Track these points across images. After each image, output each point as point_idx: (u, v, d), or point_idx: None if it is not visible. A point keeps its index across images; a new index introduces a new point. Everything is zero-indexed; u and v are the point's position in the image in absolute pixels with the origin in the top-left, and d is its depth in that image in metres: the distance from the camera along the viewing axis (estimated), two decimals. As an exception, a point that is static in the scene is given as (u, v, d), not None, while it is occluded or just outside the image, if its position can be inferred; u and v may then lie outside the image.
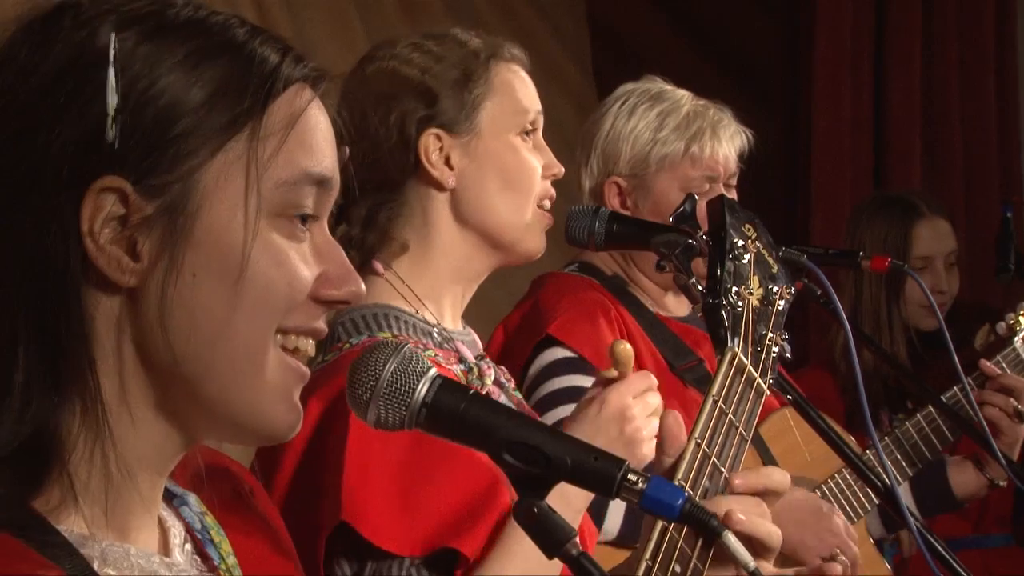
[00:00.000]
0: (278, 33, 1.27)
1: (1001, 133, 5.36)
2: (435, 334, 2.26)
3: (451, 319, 2.32)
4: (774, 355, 1.85)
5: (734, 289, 1.85)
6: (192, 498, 1.34)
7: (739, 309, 1.84)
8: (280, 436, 1.27)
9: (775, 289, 1.89)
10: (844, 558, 2.81)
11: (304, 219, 1.24)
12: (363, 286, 1.28)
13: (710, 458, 1.65)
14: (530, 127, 2.31)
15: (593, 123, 3.11)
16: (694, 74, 3.33)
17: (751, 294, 1.86)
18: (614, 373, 2.16)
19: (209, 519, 1.34)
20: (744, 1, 5.55)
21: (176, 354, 1.20)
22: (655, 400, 2.16)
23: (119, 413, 1.21)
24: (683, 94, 3.06)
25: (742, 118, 3.10)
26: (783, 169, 5.28)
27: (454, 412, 1.31)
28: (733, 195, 3.04)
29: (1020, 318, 3.54)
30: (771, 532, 1.64)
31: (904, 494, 3.43)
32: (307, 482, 2.14)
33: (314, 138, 1.25)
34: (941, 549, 2.10)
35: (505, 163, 2.28)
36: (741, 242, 1.89)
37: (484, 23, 4.81)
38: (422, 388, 1.31)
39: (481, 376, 2.28)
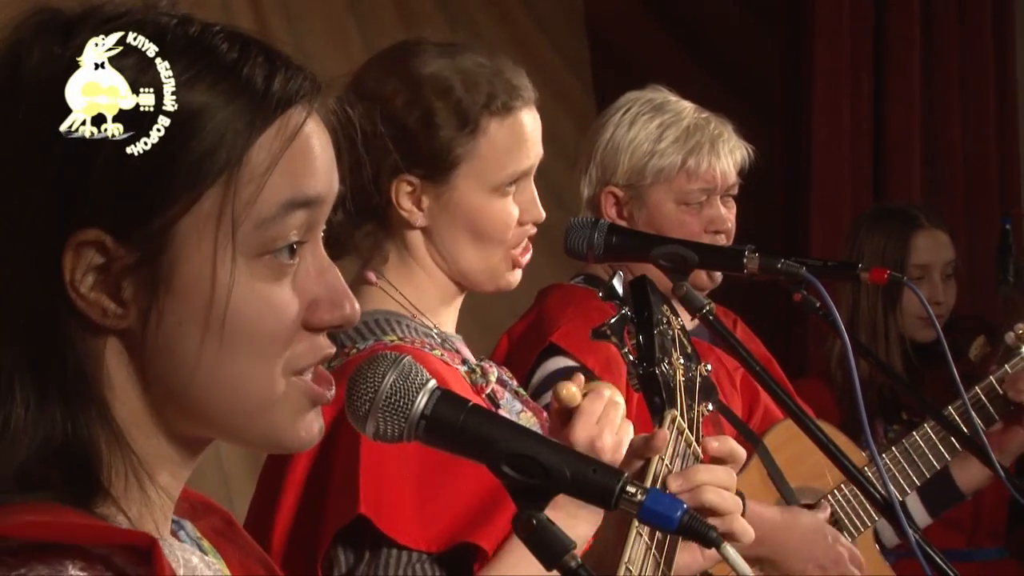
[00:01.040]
0: (270, 43, 1.21)
1: (1001, 145, 5.36)
2: (435, 335, 2.27)
3: (449, 324, 2.33)
4: (699, 423, 1.94)
5: (665, 359, 1.90)
6: (188, 524, 1.34)
7: (670, 378, 1.90)
8: (298, 449, 1.28)
9: (692, 366, 1.96)
10: None
11: (292, 248, 1.21)
12: (357, 307, 1.26)
13: None
14: (511, 182, 2.26)
15: (594, 131, 3.10)
16: (693, 84, 3.32)
17: (681, 365, 1.93)
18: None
19: (206, 544, 1.34)
20: (743, 11, 5.55)
21: (175, 396, 1.20)
22: (617, 414, 2.03)
23: (142, 443, 1.21)
24: (686, 106, 3.06)
25: (742, 129, 3.09)
26: (783, 179, 5.27)
27: (453, 424, 1.31)
28: (732, 206, 3.06)
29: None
30: (732, 500, 1.82)
31: (911, 498, 3.43)
32: (318, 485, 2.15)
33: (302, 163, 1.21)
34: (940, 562, 2.10)
35: (476, 219, 2.25)
36: (664, 319, 1.96)
37: (482, 35, 4.80)
38: (421, 400, 1.31)
39: (484, 375, 2.28)
